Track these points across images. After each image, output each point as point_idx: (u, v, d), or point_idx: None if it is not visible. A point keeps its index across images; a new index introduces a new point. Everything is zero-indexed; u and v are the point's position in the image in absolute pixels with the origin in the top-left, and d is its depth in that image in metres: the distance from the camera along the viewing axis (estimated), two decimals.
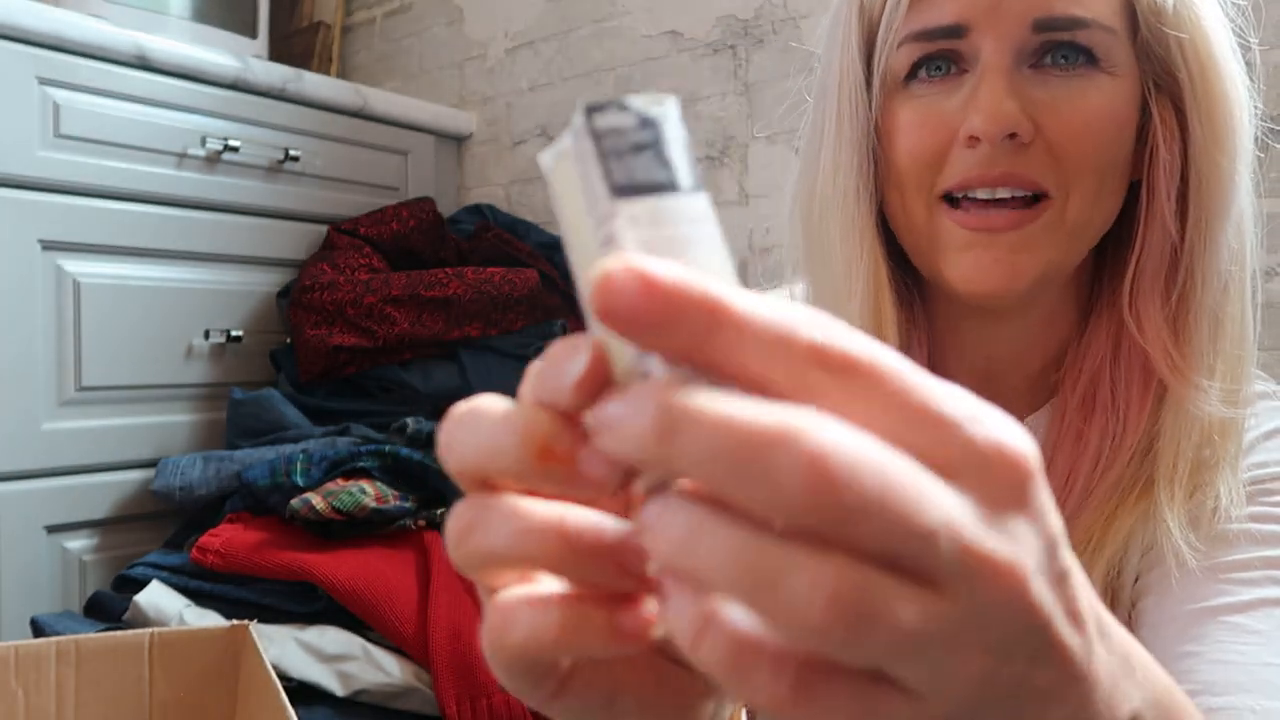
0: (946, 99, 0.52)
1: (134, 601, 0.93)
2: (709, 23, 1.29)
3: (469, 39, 1.57)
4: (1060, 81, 0.51)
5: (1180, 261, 0.53)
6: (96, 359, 1.11)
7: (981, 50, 0.51)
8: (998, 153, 0.50)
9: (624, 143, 0.22)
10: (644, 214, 0.22)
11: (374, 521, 0.98)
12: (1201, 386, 0.52)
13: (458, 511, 0.26)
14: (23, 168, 1.04)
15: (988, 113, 0.49)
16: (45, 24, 1.04)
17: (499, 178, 1.52)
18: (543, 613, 0.25)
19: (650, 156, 0.22)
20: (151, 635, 0.75)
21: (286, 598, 0.95)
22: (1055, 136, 0.50)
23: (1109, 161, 0.51)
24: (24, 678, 0.70)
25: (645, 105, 0.22)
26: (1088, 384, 0.56)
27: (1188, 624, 0.50)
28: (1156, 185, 0.53)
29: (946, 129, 0.52)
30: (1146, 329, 0.53)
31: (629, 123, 0.22)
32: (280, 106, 1.28)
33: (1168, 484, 0.52)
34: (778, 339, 0.20)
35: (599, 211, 0.22)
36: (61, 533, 1.09)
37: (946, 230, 0.52)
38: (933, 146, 0.52)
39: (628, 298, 0.20)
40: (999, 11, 0.50)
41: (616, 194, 0.22)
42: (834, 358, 0.20)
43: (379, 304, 1.19)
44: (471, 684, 0.90)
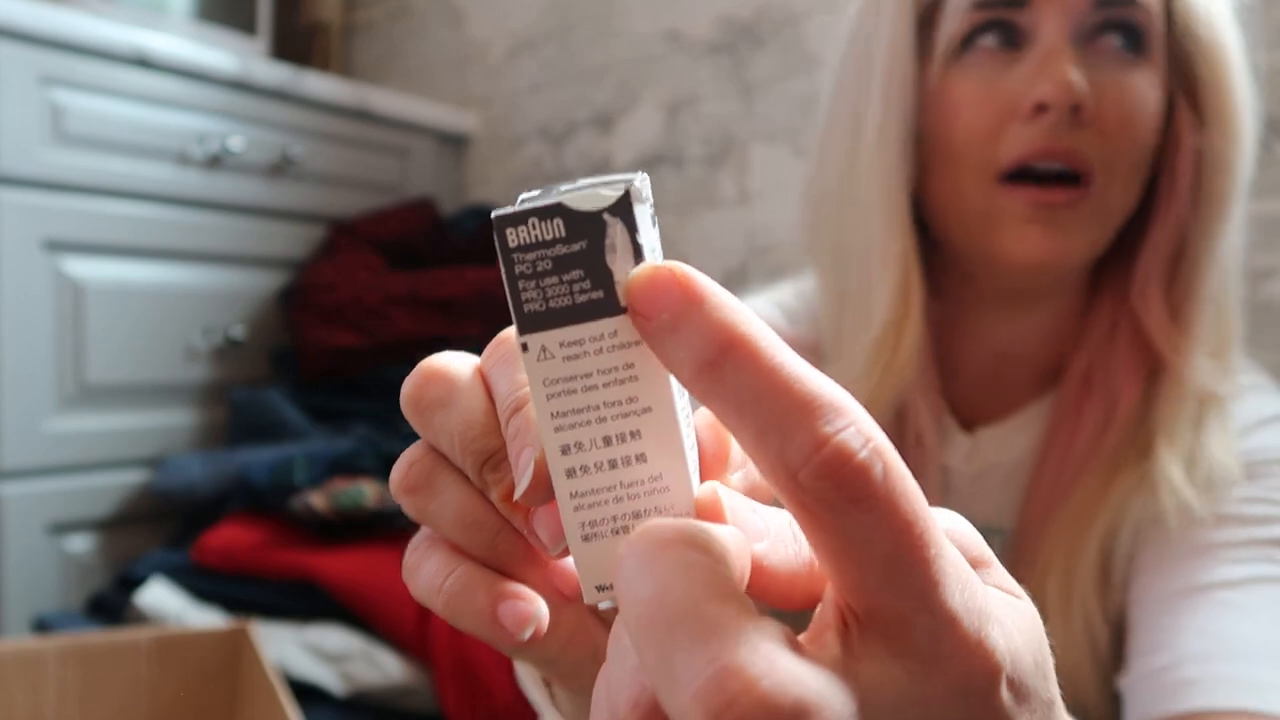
0: (1005, 72, 0.52)
1: (134, 601, 0.93)
2: (709, 23, 1.29)
3: (469, 39, 1.57)
4: (1114, 66, 0.52)
5: (1188, 247, 0.55)
6: (97, 359, 1.11)
7: (1042, 24, 0.52)
8: (1060, 126, 0.51)
9: (544, 259, 0.19)
10: (557, 346, 0.20)
11: (374, 521, 0.98)
12: (1198, 363, 0.54)
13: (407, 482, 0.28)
14: (23, 167, 1.04)
15: (1058, 81, 0.50)
16: (45, 24, 1.04)
17: (499, 178, 1.52)
18: (439, 576, 0.27)
19: (579, 272, 0.19)
20: (152, 635, 0.75)
21: (287, 597, 0.95)
22: (1107, 118, 0.52)
23: (1146, 150, 0.54)
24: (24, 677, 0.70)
25: (584, 200, 0.19)
26: (1086, 365, 0.58)
27: (1176, 599, 0.51)
28: (1178, 174, 0.54)
29: (1005, 103, 0.52)
30: (1152, 310, 0.55)
31: (552, 233, 0.19)
32: (280, 106, 1.28)
33: (1169, 447, 0.54)
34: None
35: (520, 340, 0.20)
36: (62, 532, 1.09)
37: (1004, 206, 0.53)
38: (991, 121, 0.52)
39: None
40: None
41: (524, 327, 0.20)
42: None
43: (379, 304, 1.19)
44: (471, 684, 0.90)
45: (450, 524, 0.27)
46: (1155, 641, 0.50)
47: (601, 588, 0.22)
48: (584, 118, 1.42)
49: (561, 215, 0.19)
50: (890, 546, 0.18)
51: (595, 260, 0.19)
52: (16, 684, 0.69)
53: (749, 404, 0.18)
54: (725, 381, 0.19)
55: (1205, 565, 0.51)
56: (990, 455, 0.60)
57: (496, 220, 0.20)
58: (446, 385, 0.27)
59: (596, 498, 0.21)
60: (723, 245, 1.28)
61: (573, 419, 0.20)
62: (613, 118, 1.39)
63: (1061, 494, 0.57)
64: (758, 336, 0.19)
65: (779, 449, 0.18)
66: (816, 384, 0.19)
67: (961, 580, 0.20)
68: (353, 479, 1.01)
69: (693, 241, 1.31)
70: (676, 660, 0.17)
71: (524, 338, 0.20)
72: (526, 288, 0.20)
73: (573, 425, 0.20)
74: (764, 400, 0.18)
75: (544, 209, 0.19)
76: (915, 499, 0.19)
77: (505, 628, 0.26)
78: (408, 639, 0.92)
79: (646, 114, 1.36)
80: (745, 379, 0.19)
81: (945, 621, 0.19)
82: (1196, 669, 0.48)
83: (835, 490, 0.18)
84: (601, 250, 0.19)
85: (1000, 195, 0.53)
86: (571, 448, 0.21)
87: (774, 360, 0.19)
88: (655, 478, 0.21)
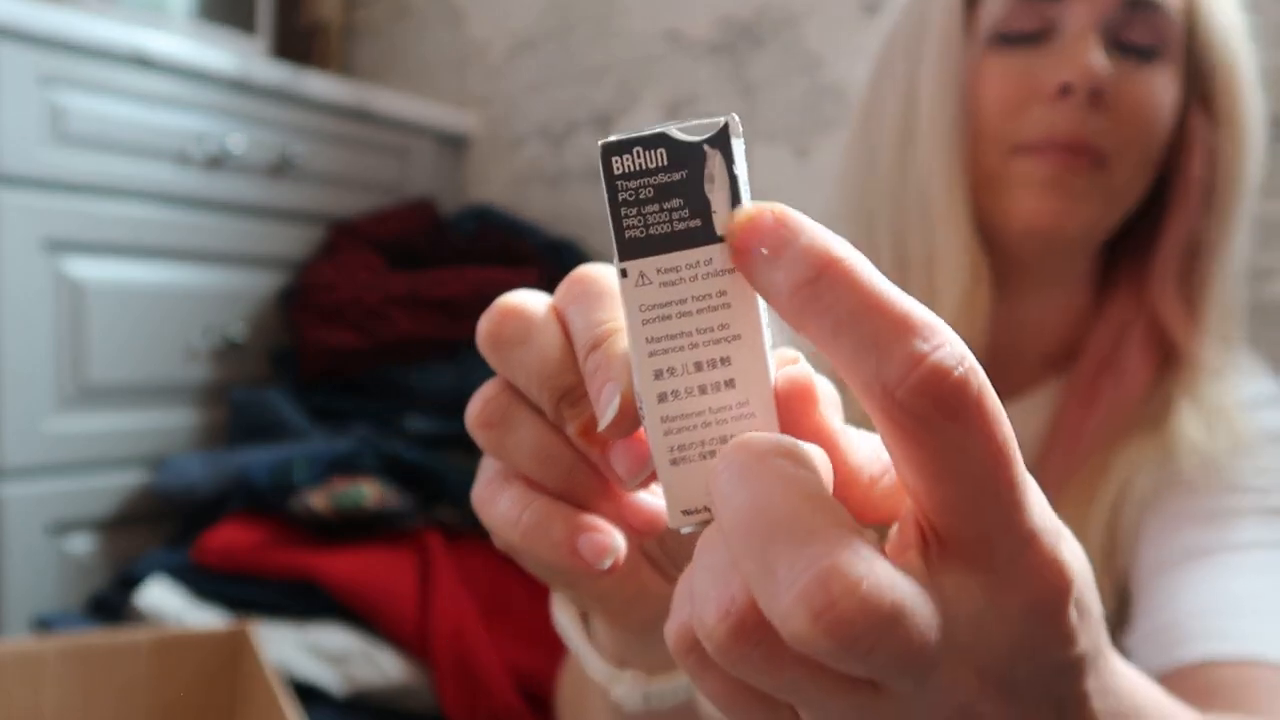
0: (1035, 56, 0.56)
1: (134, 601, 0.93)
2: (709, 23, 1.29)
3: (469, 39, 1.57)
4: (1134, 62, 0.56)
5: (1200, 249, 0.59)
6: (97, 359, 1.11)
7: (1072, 16, 0.55)
8: (1081, 110, 0.54)
9: (646, 187, 0.20)
10: (655, 272, 0.21)
11: (374, 521, 0.98)
12: (1209, 361, 0.58)
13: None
14: (23, 167, 1.04)
15: (1083, 64, 0.54)
16: (45, 23, 1.04)
17: (499, 178, 1.52)
18: (515, 509, 0.28)
19: (679, 201, 0.20)
20: (152, 635, 0.75)
21: (287, 597, 0.95)
22: (1124, 107, 0.55)
23: (1157, 142, 0.57)
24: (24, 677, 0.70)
25: (685, 132, 0.20)
26: (1101, 353, 0.61)
27: (1179, 562, 0.53)
28: (1191, 174, 0.58)
29: (1033, 82, 0.56)
30: (1168, 308, 0.58)
31: (655, 162, 0.20)
32: (280, 106, 1.28)
33: (1192, 409, 0.57)
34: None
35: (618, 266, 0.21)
36: (62, 532, 1.09)
37: (1018, 171, 0.56)
38: (1017, 100, 0.56)
39: None
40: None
41: (625, 253, 0.21)
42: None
43: (379, 304, 1.19)
44: (472, 684, 0.90)
45: (526, 458, 0.28)
46: (1159, 602, 0.52)
47: (688, 512, 0.22)
48: (584, 118, 1.42)
49: (664, 144, 0.20)
50: (982, 465, 0.19)
51: (694, 189, 0.20)
52: (16, 684, 0.69)
53: (845, 323, 0.19)
54: (822, 299, 0.19)
55: (1208, 531, 0.53)
56: None
57: (603, 148, 0.20)
58: (523, 322, 0.27)
59: (686, 422, 0.22)
60: None
61: (666, 344, 0.21)
62: (613, 118, 1.39)
63: (1070, 474, 0.59)
64: (853, 259, 0.20)
65: (876, 366, 0.19)
66: (911, 304, 0.19)
67: (1040, 500, 0.21)
68: (353, 479, 1.01)
69: None
70: (778, 564, 0.18)
71: (624, 264, 0.21)
72: (629, 215, 0.20)
73: (666, 350, 0.21)
74: (860, 318, 0.19)
75: (649, 138, 0.20)
76: (1004, 419, 0.20)
77: (584, 559, 0.27)
78: (408, 639, 0.92)
79: (646, 114, 1.36)
80: (842, 297, 0.19)
81: (1027, 540, 0.20)
82: (1200, 622, 0.49)
83: (933, 406, 0.18)
84: (701, 179, 0.20)
85: (1015, 162, 0.56)
86: (664, 373, 0.21)
87: (869, 280, 0.19)
88: (743, 403, 0.21)
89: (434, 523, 1.03)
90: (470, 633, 0.92)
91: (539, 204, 1.47)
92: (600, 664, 0.38)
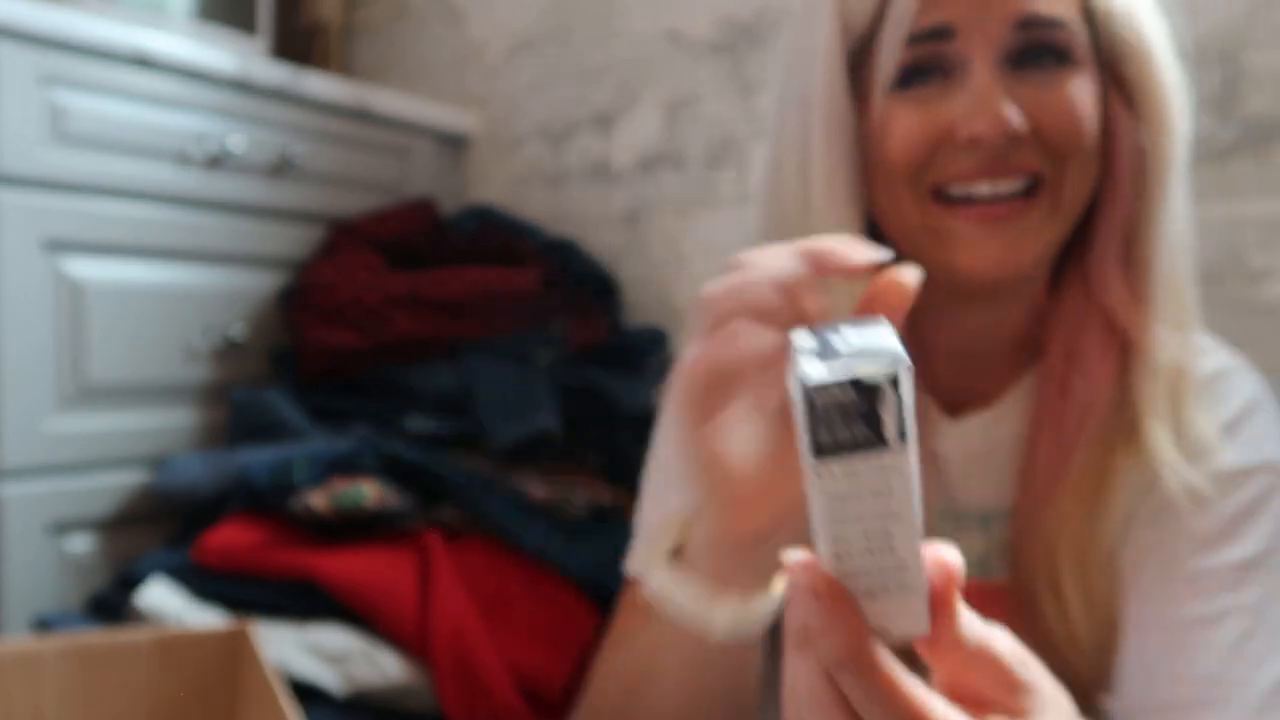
0: (938, 99, 0.56)
1: (134, 601, 0.93)
2: (709, 23, 1.29)
3: (469, 39, 1.57)
4: (1041, 79, 0.55)
5: (1137, 229, 0.59)
6: (97, 359, 1.11)
7: (969, 52, 0.55)
8: (997, 150, 0.54)
9: (837, 411, 0.26)
10: (844, 473, 0.27)
11: (375, 521, 0.98)
12: (1161, 336, 0.58)
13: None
14: (23, 167, 1.04)
15: (990, 116, 0.53)
16: (45, 23, 1.04)
17: (499, 178, 1.52)
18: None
19: (859, 419, 0.26)
20: (152, 635, 0.75)
21: (288, 597, 0.95)
22: (1044, 127, 0.55)
23: (1091, 145, 0.57)
24: (24, 677, 0.70)
25: (872, 373, 0.26)
26: (1064, 346, 0.61)
27: (1165, 635, 0.55)
28: (1118, 162, 0.58)
29: (940, 128, 0.55)
30: (1112, 290, 0.59)
31: (847, 397, 0.26)
32: (280, 106, 1.28)
33: (1156, 425, 0.57)
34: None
35: (805, 458, 0.27)
36: (62, 532, 1.09)
37: (949, 227, 0.56)
38: (927, 144, 0.56)
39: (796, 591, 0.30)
40: (984, 12, 0.54)
41: (816, 454, 0.27)
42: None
43: (379, 304, 1.19)
44: (472, 684, 0.90)
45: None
46: (1138, 675, 0.55)
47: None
48: (584, 118, 1.42)
49: (855, 387, 0.26)
50: None
51: (872, 411, 0.26)
52: (16, 684, 0.69)
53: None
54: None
55: (1186, 598, 0.55)
56: (982, 440, 0.63)
57: (811, 390, 0.26)
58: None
59: (855, 578, 0.29)
60: (723, 245, 1.28)
61: (846, 520, 0.28)
62: (613, 118, 1.39)
63: (1058, 473, 0.59)
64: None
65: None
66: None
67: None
68: (353, 479, 1.01)
69: (693, 241, 1.31)
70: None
71: (817, 465, 0.27)
72: (819, 430, 0.26)
73: (845, 522, 0.28)
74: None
75: (845, 384, 0.26)
76: None
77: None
78: (408, 639, 0.92)
79: (646, 114, 1.36)
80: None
81: None
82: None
83: None
84: (877, 406, 0.26)
85: (945, 216, 0.56)
86: (840, 539, 0.28)
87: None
88: (900, 565, 0.29)
89: (434, 523, 1.03)
90: (470, 633, 0.92)
91: (539, 204, 1.47)
92: (697, 592, 0.45)
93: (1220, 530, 0.56)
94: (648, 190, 1.36)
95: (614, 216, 1.40)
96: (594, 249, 1.38)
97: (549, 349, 1.18)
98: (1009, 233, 0.55)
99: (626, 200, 1.38)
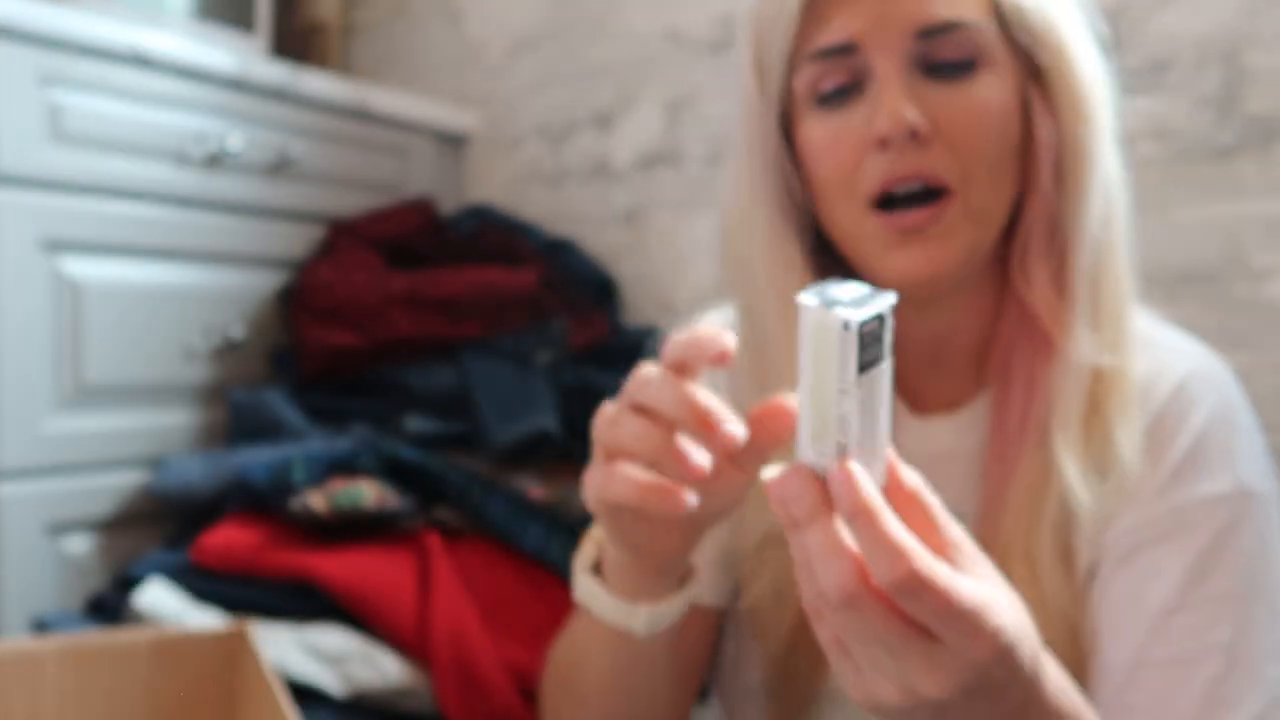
0: (853, 114, 0.58)
1: (132, 602, 0.93)
2: (709, 23, 1.29)
3: (469, 39, 1.56)
4: (949, 84, 0.56)
5: (1058, 225, 0.58)
6: (96, 359, 1.10)
7: (874, 63, 0.56)
8: (905, 151, 0.56)
9: (870, 337, 0.36)
10: (866, 381, 0.36)
11: (374, 521, 0.98)
12: (1082, 337, 0.57)
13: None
14: (21, 167, 1.04)
15: (890, 115, 0.55)
16: (44, 23, 1.04)
17: (499, 178, 1.52)
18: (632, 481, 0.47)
19: (877, 341, 0.36)
20: (151, 635, 0.75)
21: (286, 598, 0.95)
22: (952, 131, 0.56)
23: (1002, 150, 0.57)
24: (24, 678, 0.70)
25: (887, 308, 0.37)
26: (1003, 350, 0.61)
27: (1139, 676, 0.56)
28: (1036, 159, 0.58)
29: (858, 140, 0.57)
30: (1035, 287, 0.59)
31: (876, 327, 0.36)
32: (280, 106, 1.28)
33: (1062, 427, 0.57)
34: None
35: (847, 378, 0.35)
36: (61, 532, 1.09)
37: (874, 233, 0.58)
38: (849, 158, 0.58)
39: (840, 493, 0.36)
40: (885, 25, 0.56)
41: (860, 370, 0.35)
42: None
43: (379, 304, 1.19)
44: (471, 684, 0.90)
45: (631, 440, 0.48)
46: (1115, 718, 0.55)
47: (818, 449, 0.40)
48: (584, 117, 1.42)
49: (879, 319, 0.36)
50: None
51: (882, 335, 0.37)
52: (15, 685, 0.69)
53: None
54: None
55: (1159, 639, 0.55)
56: (945, 442, 0.64)
57: (859, 326, 0.35)
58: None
59: (859, 450, 0.38)
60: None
61: (859, 404, 0.37)
62: (612, 117, 1.39)
63: (1007, 477, 0.59)
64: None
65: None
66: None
67: (972, 584, 0.37)
68: (352, 479, 1.01)
69: (692, 241, 1.31)
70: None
71: (858, 379, 0.36)
72: (863, 354, 0.36)
73: (859, 415, 0.37)
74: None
75: (873, 318, 0.36)
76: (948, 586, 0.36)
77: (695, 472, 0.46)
78: (407, 640, 0.92)
79: (646, 114, 1.36)
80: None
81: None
82: None
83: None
84: (884, 331, 0.37)
85: (869, 221, 0.58)
86: (849, 416, 0.37)
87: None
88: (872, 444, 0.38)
89: (433, 523, 1.03)
90: (469, 633, 0.92)
91: (538, 204, 1.46)
92: (617, 603, 0.55)
93: (1190, 566, 0.55)
94: (647, 190, 1.36)
95: (613, 216, 1.39)
96: (593, 249, 1.38)
97: (548, 349, 1.18)
98: (926, 239, 0.57)
99: (626, 200, 1.38)
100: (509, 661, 0.92)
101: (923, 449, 0.62)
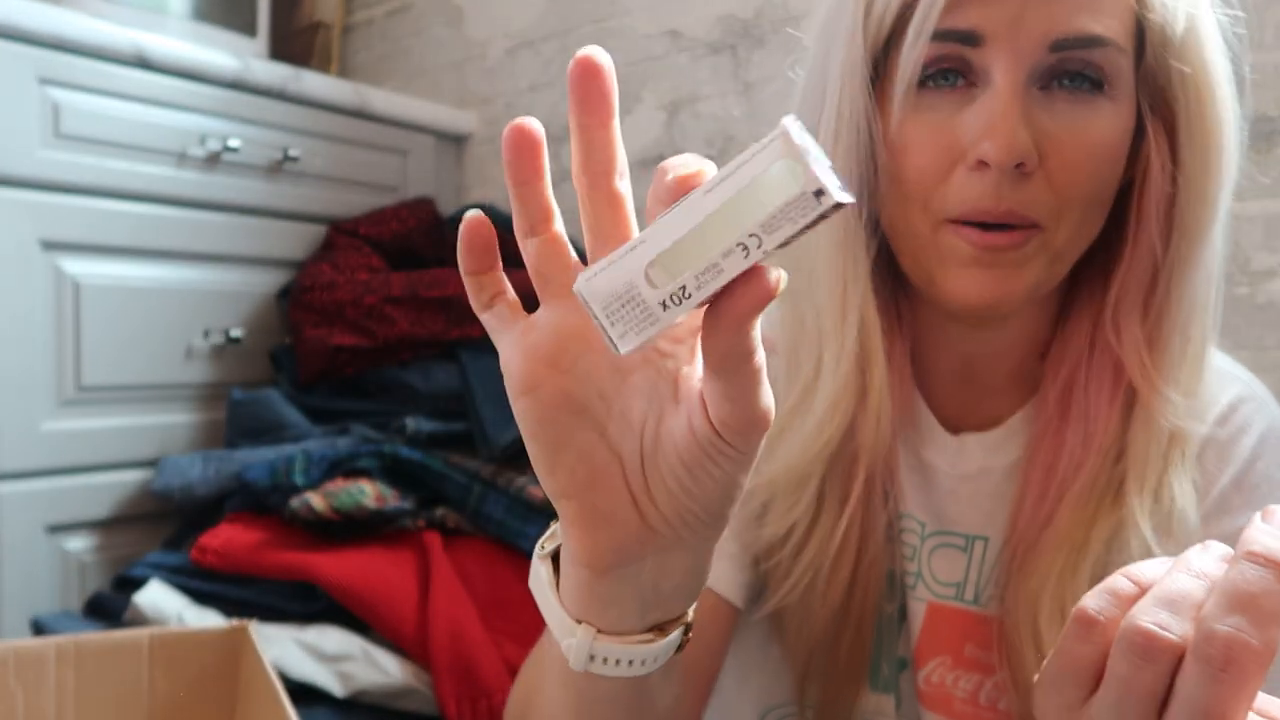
0: (956, 114, 0.51)
1: (133, 601, 0.93)
2: (709, 23, 1.29)
3: (469, 39, 1.56)
4: (1067, 108, 0.50)
5: (1159, 279, 0.54)
6: (96, 359, 1.11)
7: (995, 66, 0.50)
8: (1003, 183, 0.50)
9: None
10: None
11: (374, 521, 0.98)
12: (1169, 398, 0.54)
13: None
14: (22, 167, 1.04)
15: (1001, 142, 0.49)
16: (45, 24, 1.04)
17: (499, 178, 1.52)
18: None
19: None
20: (151, 635, 0.75)
21: (286, 598, 0.95)
22: (1056, 168, 0.50)
23: (1101, 191, 0.52)
24: (24, 678, 0.70)
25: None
26: (1064, 385, 0.58)
27: None
28: (1147, 207, 0.53)
29: (955, 148, 0.51)
30: (1125, 340, 0.55)
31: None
32: (280, 106, 1.28)
33: (1138, 489, 0.54)
34: None
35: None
36: (61, 533, 1.09)
37: (951, 246, 0.52)
38: (938, 165, 0.52)
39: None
40: (1019, 27, 0.49)
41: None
42: None
43: (379, 304, 1.19)
44: (471, 684, 0.90)
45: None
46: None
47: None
48: None
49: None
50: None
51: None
52: (16, 684, 0.69)
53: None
54: None
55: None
56: (978, 461, 0.61)
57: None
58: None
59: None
60: None
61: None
62: None
63: (1047, 515, 0.56)
64: None
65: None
66: None
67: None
68: (352, 479, 1.01)
69: None
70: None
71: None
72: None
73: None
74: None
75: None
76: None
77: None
78: (407, 639, 0.92)
79: (646, 114, 1.36)
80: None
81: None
82: None
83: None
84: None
85: (944, 233, 0.52)
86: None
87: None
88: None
89: (433, 523, 1.03)
90: (469, 633, 0.92)
91: None
92: (561, 614, 0.39)
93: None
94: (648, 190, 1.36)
95: None
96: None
97: None
98: (1001, 264, 0.52)
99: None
100: (508, 660, 0.92)
101: (956, 469, 0.60)
